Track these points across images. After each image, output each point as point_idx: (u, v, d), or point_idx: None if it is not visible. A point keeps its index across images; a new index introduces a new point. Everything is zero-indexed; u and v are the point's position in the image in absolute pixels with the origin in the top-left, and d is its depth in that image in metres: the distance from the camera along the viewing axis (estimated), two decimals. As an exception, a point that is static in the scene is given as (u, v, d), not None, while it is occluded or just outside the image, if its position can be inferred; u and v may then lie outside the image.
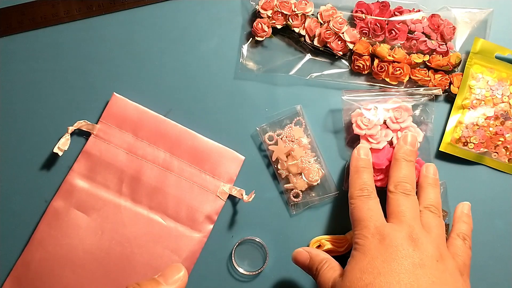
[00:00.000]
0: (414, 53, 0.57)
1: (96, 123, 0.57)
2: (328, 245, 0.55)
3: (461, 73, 0.58)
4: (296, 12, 0.57)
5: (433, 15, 0.57)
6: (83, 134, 0.58)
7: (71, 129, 0.56)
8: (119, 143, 0.57)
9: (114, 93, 0.58)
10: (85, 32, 0.59)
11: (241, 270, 0.57)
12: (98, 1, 0.59)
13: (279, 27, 0.58)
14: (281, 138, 0.57)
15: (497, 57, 0.58)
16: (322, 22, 0.57)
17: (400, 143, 0.54)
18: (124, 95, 0.58)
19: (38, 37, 0.59)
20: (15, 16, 0.58)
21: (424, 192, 0.53)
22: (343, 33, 0.57)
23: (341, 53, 0.58)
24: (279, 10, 0.57)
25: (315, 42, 0.58)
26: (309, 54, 0.59)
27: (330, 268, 0.50)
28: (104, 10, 0.59)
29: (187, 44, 0.59)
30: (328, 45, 0.57)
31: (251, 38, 0.59)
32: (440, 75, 0.57)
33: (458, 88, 0.57)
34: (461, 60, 0.58)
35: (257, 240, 0.57)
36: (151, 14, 0.59)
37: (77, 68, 0.59)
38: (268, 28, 0.58)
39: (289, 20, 0.57)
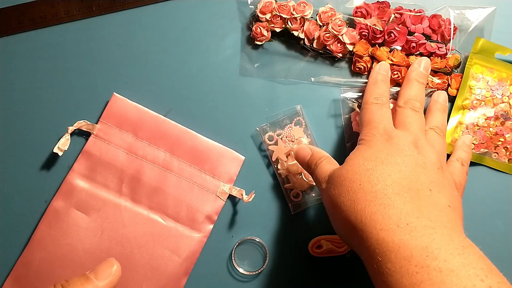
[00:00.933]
0: (413, 55, 0.57)
1: (96, 123, 0.57)
2: (328, 245, 0.55)
3: (461, 74, 0.58)
4: (295, 16, 0.57)
5: (433, 16, 0.57)
6: (83, 134, 0.58)
7: (71, 129, 0.56)
8: (119, 143, 0.57)
9: (114, 93, 0.58)
10: (85, 32, 0.59)
11: (241, 270, 0.57)
12: (98, 1, 0.59)
13: (278, 30, 0.58)
14: (281, 138, 0.57)
15: (497, 57, 0.58)
16: (321, 25, 0.57)
17: (415, 65, 0.55)
18: (124, 95, 0.58)
19: (38, 37, 0.59)
20: (15, 16, 0.58)
21: (432, 115, 0.54)
22: (342, 35, 0.56)
23: (340, 55, 0.58)
24: (278, 14, 0.57)
25: (315, 45, 0.58)
26: (308, 57, 0.59)
27: (329, 163, 0.50)
28: (104, 10, 0.59)
29: (187, 44, 0.59)
30: (327, 47, 0.57)
31: (250, 41, 0.59)
32: (439, 77, 0.57)
33: (457, 90, 0.57)
34: (460, 62, 0.58)
35: (257, 240, 0.57)
36: (151, 14, 0.59)
37: (77, 68, 0.59)
38: (267, 32, 0.57)
39: (288, 24, 0.57)
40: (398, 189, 0.43)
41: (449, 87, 0.58)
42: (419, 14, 0.57)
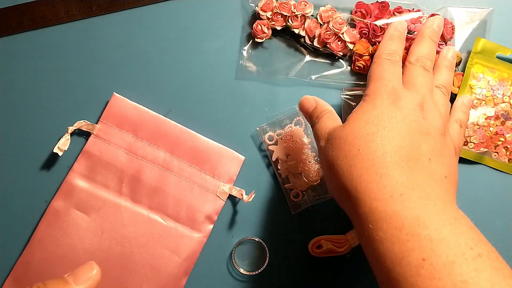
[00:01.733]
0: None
1: (96, 123, 0.57)
2: (328, 245, 0.55)
3: (462, 72, 0.58)
4: (296, 13, 0.57)
5: (432, 15, 0.57)
6: (83, 134, 0.58)
7: (71, 129, 0.56)
8: (119, 143, 0.57)
9: (114, 93, 0.58)
10: (85, 32, 0.59)
11: (241, 270, 0.57)
12: (98, 1, 0.59)
13: (278, 28, 0.58)
14: (281, 138, 0.57)
15: (498, 57, 0.58)
16: (321, 23, 0.57)
17: (428, 23, 0.54)
18: (124, 95, 0.58)
19: (38, 37, 0.59)
20: (15, 16, 0.58)
21: (439, 71, 0.53)
22: (343, 33, 0.57)
23: (341, 53, 0.58)
24: (279, 12, 0.57)
25: (315, 43, 0.58)
26: (309, 55, 0.59)
27: (331, 118, 0.49)
28: (104, 10, 0.59)
29: (187, 44, 0.59)
30: (328, 45, 0.57)
31: (251, 40, 0.59)
32: None
33: (458, 87, 0.57)
34: (461, 60, 0.58)
35: (257, 240, 0.57)
36: (151, 14, 0.59)
37: (77, 68, 0.59)
38: (268, 29, 0.58)
39: (288, 21, 0.57)
40: (396, 158, 0.43)
41: None
42: (418, 13, 0.57)
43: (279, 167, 0.57)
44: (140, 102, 0.58)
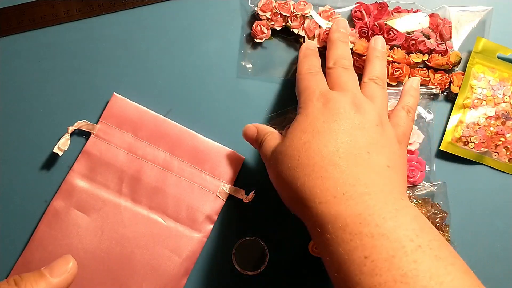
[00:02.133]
0: (413, 53, 0.57)
1: (96, 123, 0.57)
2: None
3: (462, 72, 0.58)
4: (295, 13, 0.57)
5: (431, 15, 0.57)
6: (83, 134, 0.58)
7: (71, 129, 0.56)
8: (119, 143, 0.57)
9: (114, 93, 0.58)
10: (85, 32, 0.59)
11: (241, 270, 0.56)
12: (98, 1, 0.59)
13: (278, 28, 0.58)
14: (281, 138, 0.57)
15: (499, 57, 0.58)
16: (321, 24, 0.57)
17: (334, 27, 0.55)
18: (124, 95, 0.58)
19: (38, 37, 0.59)
20: (15, 16, 0.58)
21: (371, 64, 0.53)
22: None
23: None
24: (278, 12, 0.57)
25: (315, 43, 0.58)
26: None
27: (273, 138, 0.51)
28: (104, 10, 0.59)
29: (187, 44, 0.59)
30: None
31: (250, 40, 0.59)
32: (440, 75, 0.57)
33: (459, 87, 0.57)
34: (460, 59, 0.57)
35: (257, 240, 0.57)
36: (151, 14, 0.59)
37: (77, 68, 0.59)
38: (267, 30, 0.57)
39: (288, 22, 0.57)
40: (334, 159, 0.44)
41: (451, 84, 0.57)
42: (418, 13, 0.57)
43: (279, 167, 0.57)
44: (140, 102, 0.58)
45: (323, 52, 0.58)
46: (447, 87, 0.58)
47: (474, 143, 0.57)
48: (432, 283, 0.36)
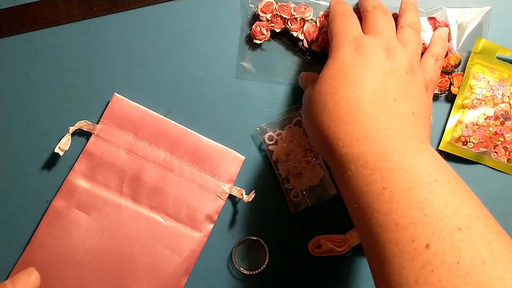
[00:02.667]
0: None
1: (97, 123, 0.58)
2: (328, 245, 0.55)
3: (462, 73, 0.58)
4: (295, 16, 0.57)
5: (429, 18, 0.57)
6: (84, 134, 0.58)
7: (72, 129, 0.56)
8: (120, 143, 0.57)
9: (115, 93, 0.58)
10: (86, 32, 0.59)
11: (241, 269, 0.57)
12: (99, 1, 0.59)
13: (277, 30, 0.58)
14: (281, 138, 0.57)
15: (498, 58, 0.58)
16: (320, 28, 0.57)
17: None
18: (125, 96, 0.58)
19: (39, 38, 0.59)
20: (16, 17, 0.59)
21: (406, 13, 0.53)
22: None
23: None
24: (279, 14, 0.57)
25: (313, 47, 0.57)
26: (307, 58, 0.59)
27: (311, 84, 0.51)
28: (105, 10, 0.59)
29: (188, 45, 0.59)
30: (326, 50, 0.57)
31: (249, 41, 0.59)
32: (441, 77, 0.57)
33: (458, 88, 0.57)
34: (460, 61, 0.58)
35: (257, 239, 0.57)
36: (151, 15, 0.60)
37: (78, 69, 0.59)
38: (267, 31, 0.58)
39: (288, 24, 0.57)
40: (360, 105, 0.44)
41: (451, 86, 0.58)
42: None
43: (279, 167, 0.57)
44: (140, 102, 0.58)
45: (321, 55, 0.58)
46: (447, 88, 0.58)
47: (473, 143, 0.57)
48: (446, 210, 0.38)
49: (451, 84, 0.58)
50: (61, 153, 0.56)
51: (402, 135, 0.43)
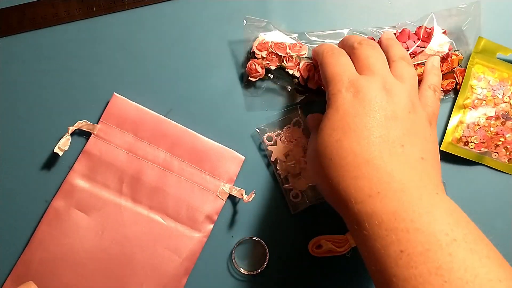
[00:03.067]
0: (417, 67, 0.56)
1: (97, 123, 0.58)
2: (328, 245, 0.55)
3: (464, 68, 0.57)
4: (291, 54, 0.56)
5: (418, 28, 0.57)
6: (83, 134, 0.58)
7: (71, 129, 0.56)
8: (119, 143, 0.57)
9: (115, 93, 0.58)
10: (86, 32, 0.59)
11: (241, 270, 0.57)
12: (99, 1, 0.59)
13: (273, 68, 0.57)
14: (280, 139, 0.57)
15: (499, 58, 0.58)
16: (315, 65, 0.56)
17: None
18: (125, 95, 0.58)
19: (38, 38, 0.59)
20: (15, 17, 0.59)
21: (391, 47, 0.51)
22: None
23: None
24: (274, 52, 0.56)
25: (309, 85, 0.57)
26: (303, 95, 0.58)
27: (314, 135, 0.49)
28: (105, 10, 0.59)
29: (188, 45, 0.59)
30: (322, 87, 0.57)
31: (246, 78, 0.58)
32: (447, 81, 0.57)
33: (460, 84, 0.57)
34: (461, 59, 0.57)
35: (257, 240, 0.57)
36: (151, 15, 0.59)
37: (77, 68, 0.59)
38: (262, 69, 0.57)
39: (283, 62, 0.57)
40: (368, 157, 0.43)
41: (457, 85, 0.58)
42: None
43: (278, 168, 0.57)
44: (140, 102, 0.58)
45: (316, 92, 0.58)
46: (453, 89, 0.58)
47: (474, 143, 0.57)
48: (467, 276, 0.37)
49: (457, 84, 0.57)
50: (60, 153, 0.56)
51: (414, 186, 0.42)
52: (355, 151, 0.43)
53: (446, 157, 0.57)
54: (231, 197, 0.57)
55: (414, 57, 0.56)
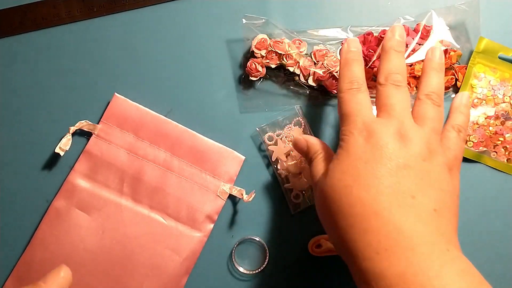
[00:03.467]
0: (416, 64, 0.56)
1: (97, 123, 0.58)
2: (328, 244, 0.55)
3: (465, 65, 0.57)
4: (290, 52, 0.56)
5: (418, 25, 0.57)
6: (84, 134, 0.58)
7: (72, 129, 0.57)
8: (120, 143, 0.57)
9: (115, 93, 0.58)
10: (86, 32, 0.59)
11: (241, 269, 0.57)
12: (99, 2, 0.59)
13: (273, 66, 0.57)
14: (281, 139, 0.57)
15: (500, 58, 0.58)
16: (315, 62, 0.57)
17: (389, 35, 0.49)
18: (125, 96, 0.58)
19: (39, 38, 0.59)
20: (16, 17, 0.59)
21: (426, 77, 0.48)
22: (337, 72, 0.56)
23: (335, 91, 0.57)
24: (273, 50, 0.56)
25: (310, 81, 0.57)
26: (305, 91, 0.58)
27: (322, 161, 0.48)
28: (105, 11, 0.59)
29: (188, 45, 0.59)
30: (322, 84, 0.57)
31: (245, 77, 0.59)
32: (446, 77, 0.57)
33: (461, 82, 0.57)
34: (460, 55, 0.57)
35: (257, 239, 0.57)
36: (152, 15, 0.60)
37: (78, 69, 0.59)
38: (262, 68, 0.57)
39: (283, 60, 0.57)
40: (376, 208, 0.40)
41: (457, 81, 0.58)
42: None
43: (278, 167, 0.57)
44: (141, 102, 0.58)
45: (318, 89, 0.58)
46: (453, 85, 0.58)
47: (473, 142, 0.57)
48: None
49: (456, 80, 0.57)
50: (61, 153, 0.56)
51: (424, 242, 0.39)
52: (364, 201, 0.41)
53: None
54: (231, 197, 0.57)
55: (413, 54, 0.56)
